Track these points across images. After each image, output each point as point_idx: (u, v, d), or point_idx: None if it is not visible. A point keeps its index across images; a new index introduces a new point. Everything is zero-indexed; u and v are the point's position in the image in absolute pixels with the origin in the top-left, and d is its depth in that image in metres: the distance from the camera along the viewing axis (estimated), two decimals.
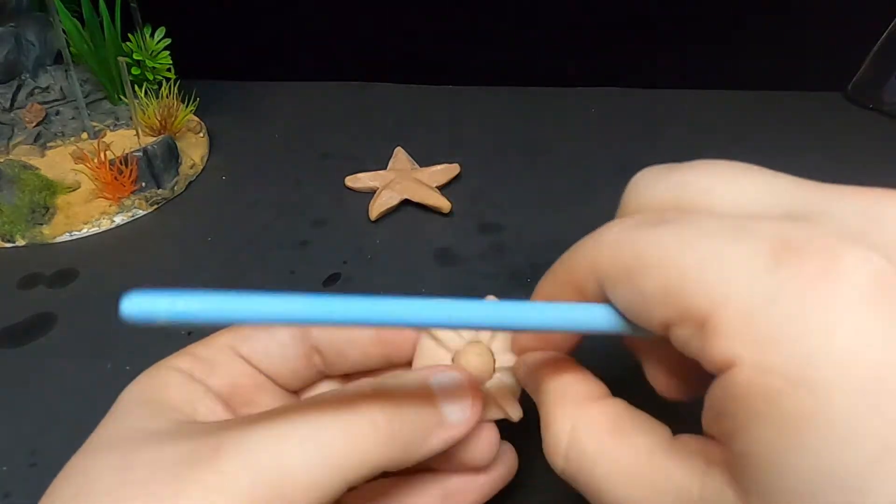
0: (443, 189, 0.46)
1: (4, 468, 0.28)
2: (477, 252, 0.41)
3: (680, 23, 0.59)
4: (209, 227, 0.42)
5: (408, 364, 0.22)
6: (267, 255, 0.40)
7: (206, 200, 0.45)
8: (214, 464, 0.15)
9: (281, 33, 0.60)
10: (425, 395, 0.18)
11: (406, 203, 0.44)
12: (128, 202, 0.43)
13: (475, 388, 0.19)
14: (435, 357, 0.21)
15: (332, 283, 0.38)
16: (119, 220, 0.42)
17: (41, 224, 0.41)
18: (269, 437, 0.16)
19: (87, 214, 0.42)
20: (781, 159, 0.57)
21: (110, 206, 0.42)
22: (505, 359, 0.21)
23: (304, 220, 0.43)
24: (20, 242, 0.40)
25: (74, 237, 0.41)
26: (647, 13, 0.58)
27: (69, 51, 0.44)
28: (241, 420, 0.17)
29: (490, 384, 0.21)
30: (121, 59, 0.44)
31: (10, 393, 0.31)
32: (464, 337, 0.21)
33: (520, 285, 0.38)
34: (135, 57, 0.48)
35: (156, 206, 0.44)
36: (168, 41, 0.49)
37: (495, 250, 0.41)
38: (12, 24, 0.46)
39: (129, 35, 0.48)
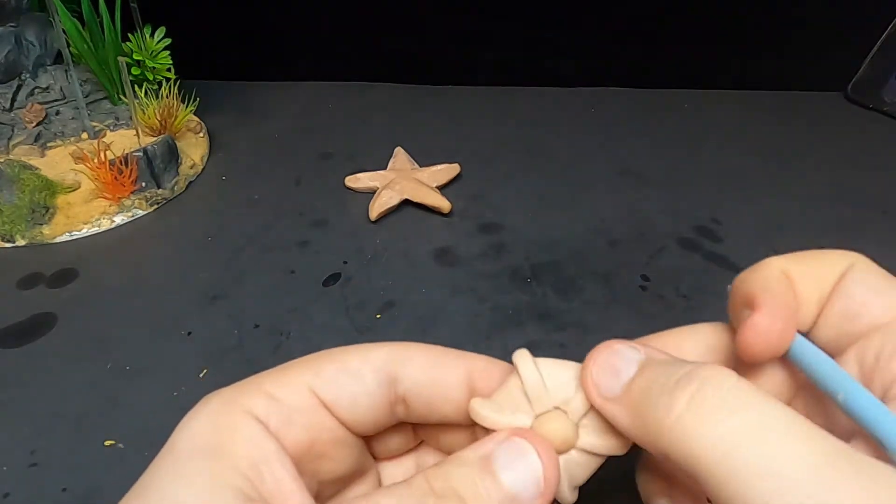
0: (443, 189, 0.46)
1: (4, 468, 0.28)
2: (477, 252, 0.41)
3: (680, 23, 0.59)
4: (209, 227, 0.42)
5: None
6: (267, 255, 0.40)
7: (206, 200, 0.45)
8: None
9: (281, 33, 0.60)
10: (491, 479, 0.17)
11: (406, 203, 0.44)
12: (128, 202, 0.43)
13: (550, 460, 0.17)
14: (515, 405, 0.19)
15: (332, 283, 0.38)
16: (119, 220, 0.42)
17: (41, 224, 0.41)
18: None
19: (87, 214, 0.42)
20: (781, 159, 0.58)
21: (110, 206, 0.42)
22: (588, 441, 0.19)
23: (304, 220, 0.43)
24: (20, 242, 0.40)
25: (74, 237, 0.41)
26: (647, 13, 0.58)
27: (69, 51, 0.44)
28: None
29: (561, 459, 0.19)
30: (121, 59, 0.44)
31: (10, 393, 0.31)
32: (550, 400, 0.19)
33: (520, 285, 0.38)
34: (135, 57, 0.48)
35: (156, 206, 0.44)
36: (168, 41, 0.49)
37: (495, 250, 0.41)
38: (12, 24, 0.46)
39: (129, 35, 0.48)
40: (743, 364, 0.18)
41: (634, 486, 0.22)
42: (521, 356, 0.19)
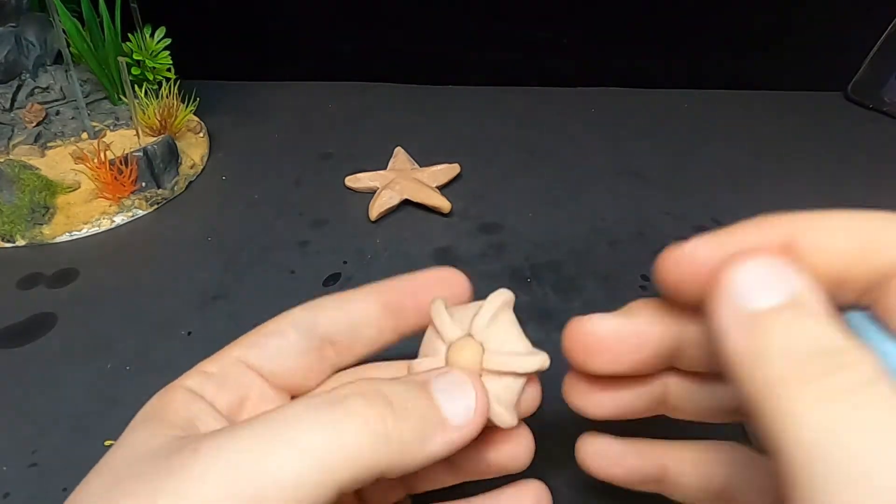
0: (443, 189, 0.46)
1: (4, 468, 0.28)
2: (477, 252, 0.41)
3: (680, 23, 0.59)
4: (209, 227, 0.42)
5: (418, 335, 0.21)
6: (267, 255, 0.40)
7: (206, 200, 0.45)
8: (188, 470, 0.15)
9: (281, 33, 0.60)
10: (425, 396, 0.17)
11: (406, 203, 0.44)
12: (128, 202, 0.43)
13: (480, 389, 0.18)
14: (433, 349, 0.20)
15: (332, 283, 0.38)
16: (119, 220, 0.42)
17: (41, 224, 0.41)
18: (251, 438, 0.15)
19: (87, 214, 0.42)
20: (781, 159, 0.58)
21: (110, 206, 0.42)
22: (499, 360, 0.19)
23: (304, 220, 0.43)
24: (20, 242, 0.40)
25: (74, 237, 0.41)
26: (647, 13, 0.58)
27: (69, 51, 0.44)
28: (230, 426, 0.16)
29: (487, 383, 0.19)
30: (121, 59, 0.44)
31: (10, 393, 0.31)
32: (462, 330, 0.20)
33: (520, 285, 0.38)
34: (135, 57, 0.48)
35: (156, 206, 0.44)
36: (168, 41, 0.49)
37: (495, 250, 0.41)
38: (12, 24, 0.46)
39: (129, 35, 0.48)
40: None
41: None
42: (434, 305, 0.20)
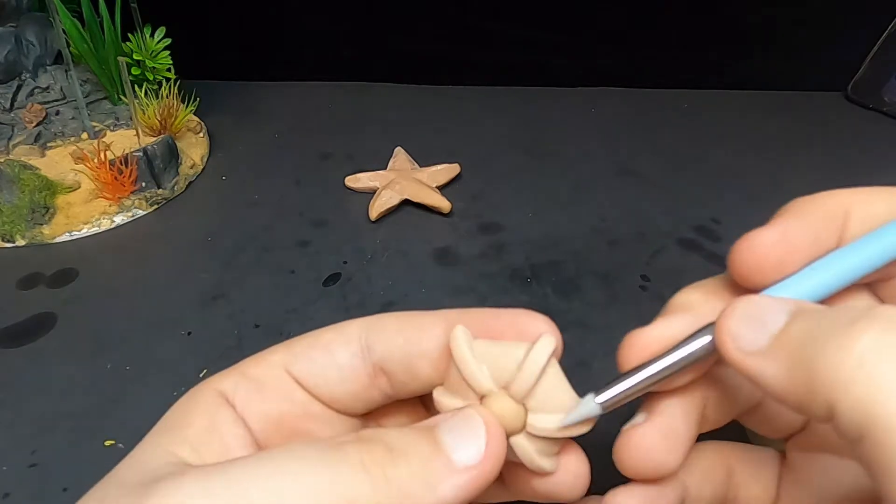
0: (443, 189, 0.46)
1: (4, 468, 0.28)
2: (477, 252, 0.41)
3: (680, 23, 0.59)
4: (209, 227, 0.42)
5: None
6: (267, 255, 0.40)
7: (206, 200, 0.45)
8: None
9: (281, 33, 0.60)
10: (429, 439, 0.16)
11: (406, 203, 0.44)
12: (128, 202, 0.43)
13: (494, 426, 0.17)
14: (464, 390, 0.18)
15: (331, 283, 0.38)
16: (119, 220, 0.42)
17: (41, 224, 0.41)
18: (236, 473, 0.14)
19: (87, 214, 0.42)
20: (781, 159, 0.58)
21: (110, 206, 0.42)
22: (539, 425, 0.18)
23: (304, 220, 0.43)
24: (20, 242, 0.40)
25: (74, 237, 0.41)
26: (647, 13, 0.58)
27: (69, 51, 0.44)
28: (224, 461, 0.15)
29: (524, 442, 0.18)
30: (121, 59, 0.44)
31: (10, 393, 0.31)
32: (490, 383, 0.18)
33: (520, 285, 0.38)
34: (135, 57, 0.48)
35: (156, 206, 0.44)
36: (168, 41, 0.49)
37: (495, 250, 0.41)
38: (12, 24, 0.46)
39: (129, 35, 0.48)
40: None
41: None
42: (454, 340, 0.18)
